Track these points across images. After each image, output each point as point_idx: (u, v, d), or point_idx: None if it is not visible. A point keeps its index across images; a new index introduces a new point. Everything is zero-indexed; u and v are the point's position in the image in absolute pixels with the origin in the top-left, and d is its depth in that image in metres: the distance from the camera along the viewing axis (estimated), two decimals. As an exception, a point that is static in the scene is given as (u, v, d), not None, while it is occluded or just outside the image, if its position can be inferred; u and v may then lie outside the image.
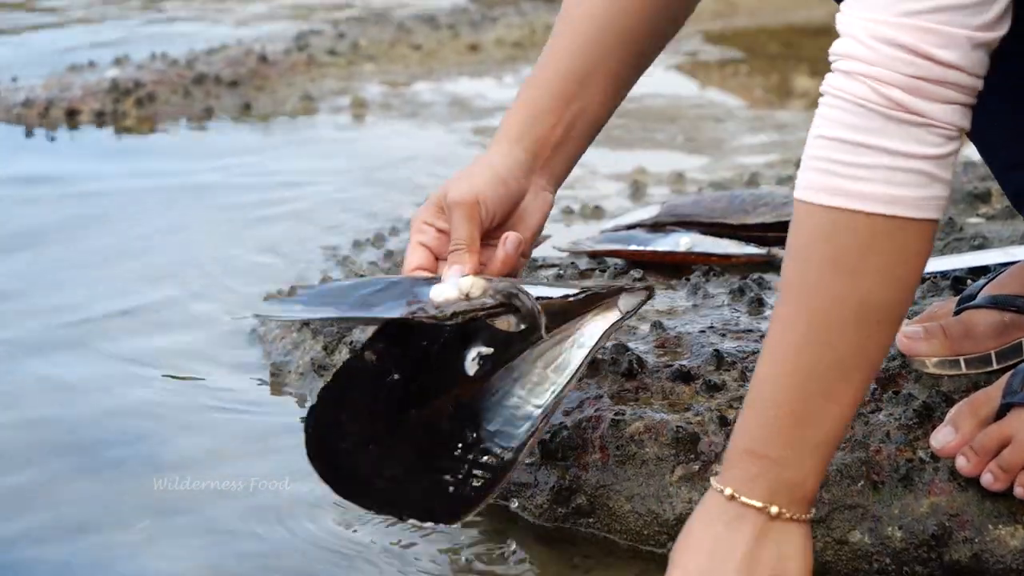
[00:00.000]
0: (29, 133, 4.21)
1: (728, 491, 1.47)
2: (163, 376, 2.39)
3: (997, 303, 1.84)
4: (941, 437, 1.70)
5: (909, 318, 1.94)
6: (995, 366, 1.83)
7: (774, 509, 1.46)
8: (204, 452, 2.12)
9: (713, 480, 1.49)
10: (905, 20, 1.35)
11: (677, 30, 1.81)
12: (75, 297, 2.79)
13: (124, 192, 3.56)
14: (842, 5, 1.40)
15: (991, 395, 1.70)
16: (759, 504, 1.46)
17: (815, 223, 1.40)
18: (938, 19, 1.35)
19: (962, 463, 1.67)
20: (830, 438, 1.46)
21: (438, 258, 1.76)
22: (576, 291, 1.73)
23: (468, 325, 1.68)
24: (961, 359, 1.84)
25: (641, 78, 1.84)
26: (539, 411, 1.70)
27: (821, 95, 1.41)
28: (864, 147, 1.37)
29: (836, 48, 1.40)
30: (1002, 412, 1.67)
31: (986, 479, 1.66)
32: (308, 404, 2.09)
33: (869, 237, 1.38)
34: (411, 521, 1.67)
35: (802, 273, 1.42)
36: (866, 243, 1.39)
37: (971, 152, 2.04)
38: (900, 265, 1.41)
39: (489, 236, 1.76)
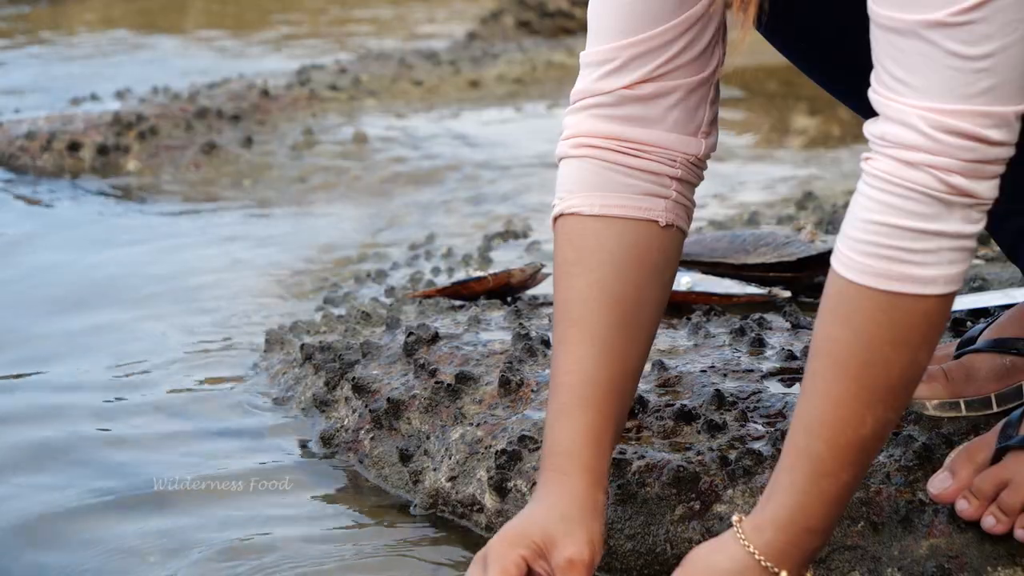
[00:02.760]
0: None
1: (784, 574, 1.49)
2: (165, 402, 2.41)
3: (998, 347, 1.85)
4: (938, 483, 1.70)
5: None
6: (995, 409, 1.84)
7: None
8: (196, 470, 2.14)
9: (758, 555, 1.50)
10: (963, 107, 1.37)
11: (671, 287, 1.75)
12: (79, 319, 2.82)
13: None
14: (882, 91, 1.41)
15: (987, 441, 1.71)
16: None
17: (876, 306, 1.42)
18: (989, 100, 1.37)
19: (963, 506, 1.68)
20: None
21: None
22: None
23: None
24: (961, 401, 1.85)
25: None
26: None
27: (867, 175, 1.42)
28: (929, 233, 1.40)
29: (888, 135, 1.40)
30: (998, 456, 1.68)
31: (987, 522, 1.66)
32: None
33: (929, 315, 1.43)
34: None
35: (864, 353, 1.44)
36: (927, 321, 1.43)
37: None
38: (941, 332, 1.47)
39: None
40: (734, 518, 1.52)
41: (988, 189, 1.40)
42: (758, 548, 1.49)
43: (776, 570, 1.49)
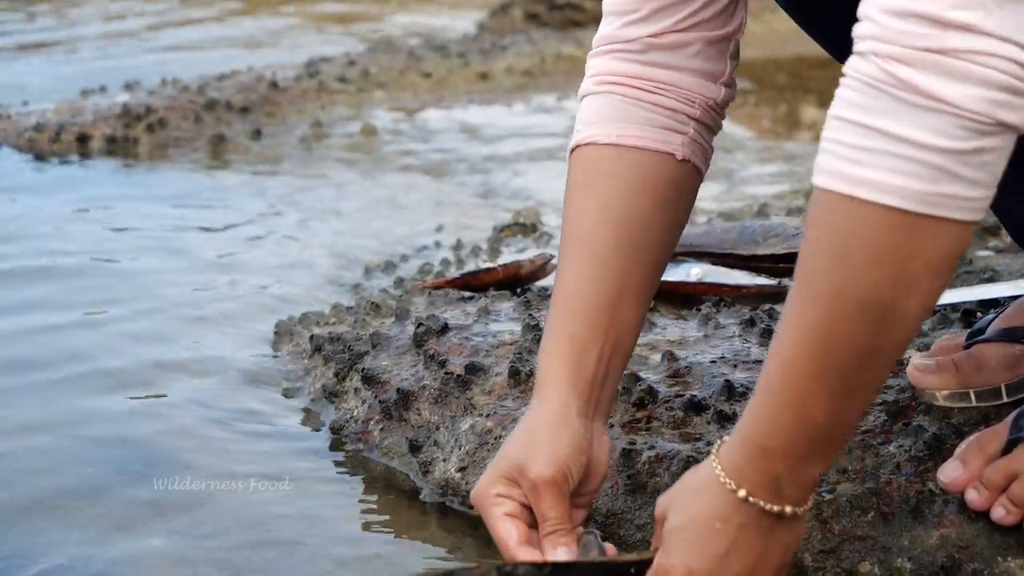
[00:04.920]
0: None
1: (742, 493, 1.41)
2: (176, 394, 2.41)
3: (1007, 336, 1.84)
4: (949, 471, 1.70)
5: (920, 351, 1.94)
6: (1005, 399, 1.83)
7: (788, 510, 1.43)
8: (208, 462, 2.14)
9: (719, 470, 1.43)
10: None
11: (684, 227, 1.73)
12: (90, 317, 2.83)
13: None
14: None
15: (999, 432, 1.70)
16: (776, 509, 1.42)
17: (821, 208, 1.31)
18: None
19: (972, 497, 1.67)
20: (843, 435, 1.41)
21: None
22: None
23: None
24: (971, 392, 1.84)
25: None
26: None
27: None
28: (869, 129, 1.26)
29: (855, 30, 1.29)
30: (1009, 447, 1.67)
31: (997, 513, 1.65)
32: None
33: (872, 228, 1.28)
34: None
35: (810, 258, 1.33)
36: (869, 234, 1.28)
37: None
38: (907, 263, 1.29)
39: None
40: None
41: (968, 98, 1.22)
42: (720, 463, 1.43)
43: (732, 486, 1.41)
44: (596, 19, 1.72)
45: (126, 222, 3.57)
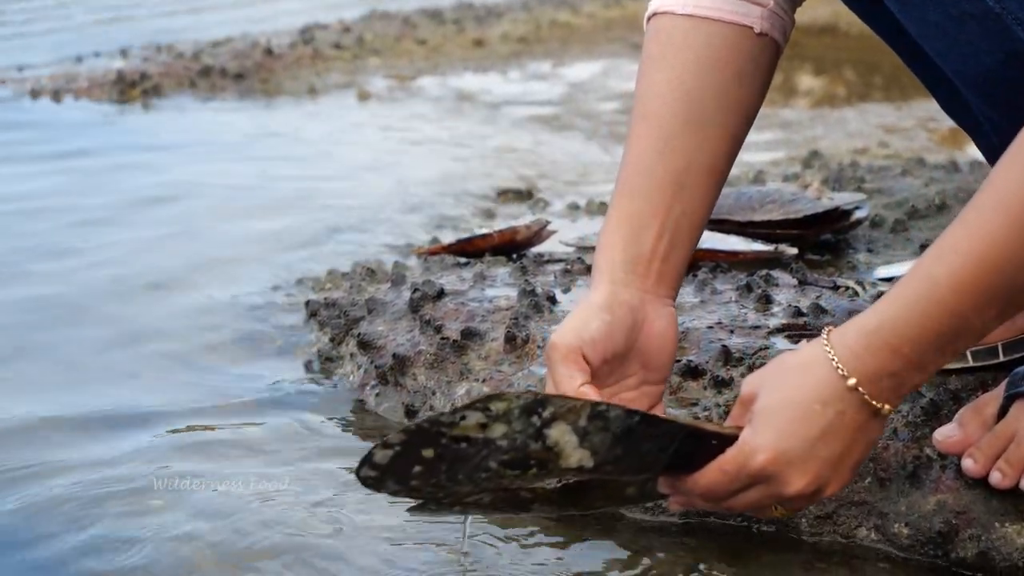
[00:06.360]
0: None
1: (852, 382, 1.41)
2: (166, 365, 2.41)
3: None
4: (945, 431, 1.68)
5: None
6: (1002, 358, 1.82)
7: (886, 408, 1.44)
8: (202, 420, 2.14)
9: (832, 354, 1.42)
10: None
11: (760, 103, 1.69)
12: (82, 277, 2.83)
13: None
14: None
15: (995, 394, 1.69)
16: (876, 404, 1.42)
17: None
18: None
19: (968, 464, 1.66)
20: (962, 351, 1.46)
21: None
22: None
23: None
24: (968, 352, 1.83)
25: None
26: None
27: None
28: None
29: None
30: (1006, 406, 1.66)
31: (994, 477, 1.65)
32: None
33: None
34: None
35: (1011, 181, 1.33)
36: None
37: (977, 152, 2.04)
38: None
39: (619, 365, 1.60)
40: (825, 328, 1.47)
41: None
42: (833, 346, 1.42)
43: (843, 371, 1.42)
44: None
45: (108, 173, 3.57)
